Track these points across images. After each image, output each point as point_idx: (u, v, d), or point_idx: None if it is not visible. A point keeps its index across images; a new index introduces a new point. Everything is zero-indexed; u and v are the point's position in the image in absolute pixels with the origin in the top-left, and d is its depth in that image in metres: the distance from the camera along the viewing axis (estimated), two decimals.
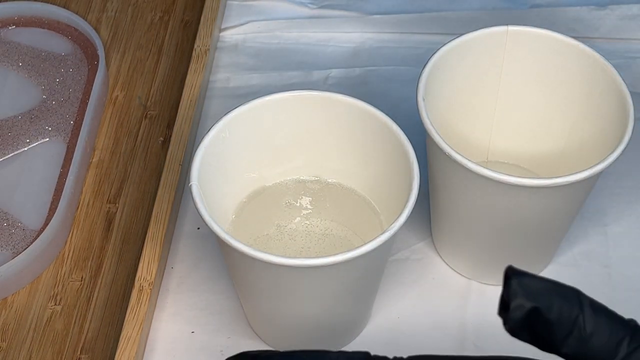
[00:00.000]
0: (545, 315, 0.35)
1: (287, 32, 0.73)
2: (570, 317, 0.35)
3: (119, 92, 0.70)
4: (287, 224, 0.56)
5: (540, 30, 0.56)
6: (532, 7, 0.74)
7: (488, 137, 0.61)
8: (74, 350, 0.57)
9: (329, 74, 0.71)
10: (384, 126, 0.52)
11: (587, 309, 0.36)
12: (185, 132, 0.64)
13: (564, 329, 0.35)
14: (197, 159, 0.51)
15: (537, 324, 0.36)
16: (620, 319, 0.37)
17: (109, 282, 0.60)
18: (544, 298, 0.35)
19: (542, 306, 0.35)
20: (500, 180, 0.49)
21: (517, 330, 0.36)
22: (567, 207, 0.53)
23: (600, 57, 0.55)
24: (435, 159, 0.53)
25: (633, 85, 0.67)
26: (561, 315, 0.35)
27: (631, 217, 0.62)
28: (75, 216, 0.63)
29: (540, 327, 0.36)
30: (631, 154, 0.58)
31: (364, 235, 0.55)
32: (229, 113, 0.53)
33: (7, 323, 0.58)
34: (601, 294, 0.58)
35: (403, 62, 0.71)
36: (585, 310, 0.36)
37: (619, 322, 0.36)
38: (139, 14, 0.76)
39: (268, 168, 0.56)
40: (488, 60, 0.57)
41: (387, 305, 0.57)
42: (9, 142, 0.65)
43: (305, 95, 0.54)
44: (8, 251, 0.60)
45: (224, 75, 0.71)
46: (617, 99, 0.53)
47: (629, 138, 0.51)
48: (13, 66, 0.70)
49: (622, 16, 0.73)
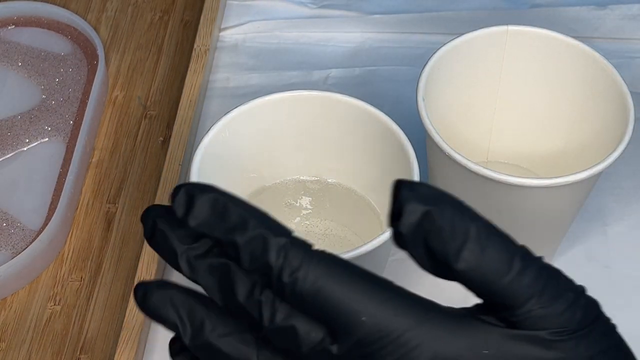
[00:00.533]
0: (438, 221, 0.32)
1: (287, 32, 0.73)
2: (462, 225, 0.33)
3: (118, 92, 0.70)
4: (287, 223, 0.56)
5: (540, 30, 0.56)
6: (532, 7, 0.74)
7: (488, 137, 0.61)
8: (74, 350, 0.57)
9: (329, 74, 0.71)
10: (384, 126, 0.52)
11: (479, 220, 0.33)
12: (185, 132, 0.64)
13: (458, 238, 0.33)
14: (197, 159, 0.51)
15: (430, 234, 0.33)
16: (511, 239, 0.34)
17: (109, 282, 0.60)
18: (436, 201, 0.33)
19: (435, 210, 0.32)
20: (500, 180, 0.49)
21: (411, 241, 0.33)
22: (567, 207, 0.53)
23: (600, 57, 0.55)
24: (435, 159, 0.53)
25: (633, 85, 0.67)
26: (454, 222, 0.33)
27: (631, 217, 0.62)
28: (75, 216, 0.63)
29: (433, 238, 0.33)
30: (631, 154, 0.58)
31: (364, 235, 0.55)
32: (229, 113, 0.53)
33: (7, 323, 0.58)
34: (601, 294, 0.59)
35: (403, 62, 0.71)
36: (477, 221, 0.33)
37: (510, 239, 0.34)
38: (139, 14, 0.76)
39: (268, 168, 0.56)
40: (488, 60, 0.57)
41: None
42: (8, 142, 0.65)
43: (305, 95, 0.54)
44: (8, 251, 0.60)
45: (223, 75, 0.71)
46: (617, 99, 0.53)
47: (629, 138, 0.51)
48: (13, 66, 0.70)
49: (622, 16, 0.73)
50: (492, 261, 0.33)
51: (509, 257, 0.33)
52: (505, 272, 0.33)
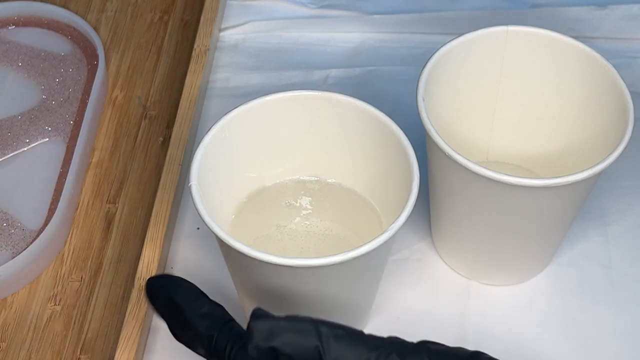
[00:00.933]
0: (284, 351, 0.40)
1: (287, 32, 0.73)
2: (310, 348, 0.40)
3: (118, 92, 0.70)
4: (287, 224, 0.56)
5: (540, 30, 0.56)
6: (532, 7, 0.74)
7: (488, 137, 0.61)
8: (74, 350, 0.57)
9: (329, 74, 0.71)
10: (384, 126, 0.52)
11: (325, 339, 0.41)
12: (185, 132, 0.64)
13: (307, 359, 0.41)
14: (197, 159, 0.51)
15: (280, 358, 0.41)
16: (373, 341, 0.41)
17: (109, 282, 0.60)
18: (280, 337, 0.41)
19: (278, 345, 0.40)
20: (500, 180, 0.49)
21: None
22: (567, 207, 0.53)
23: (600, 57, 0.55)
24: (435, 159, 0.53)
25: (633, 85, 0.67)
26: (301, 348, 0.40)
27: (631, 217, 0.62)
28: (75, 216, 0.63)
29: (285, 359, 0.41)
30: (631, 154, 0.58)
31: (364, 235, 0.55)
32: (229, 113, 0.53)
33: (7, 323, 0.58)
34: (601, 294, 0.59)
35: (403, 62, 0.71)
36: (323, 340, 0.41)
37: (365, 344, 0.41)
38: (139, 14, 0.76)
39: (268, 168, 0.56)
40: (488, 60, 0.57)
41: (387, 306, 0.57)
42: (8, 142, 0.65)
43: (305, 95, 0.54)
44: (7, 251, 0.60)
45: (223, 75, 0.71)
46: (617, 99, 0.53)
47: (629, 138, 0.51)
48: (12, 66, 0.70)
49: (622, 16, 0.73)
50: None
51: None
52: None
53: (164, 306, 0.45)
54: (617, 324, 0.57)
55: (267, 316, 0.41)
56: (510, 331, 0.56)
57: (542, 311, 0.57)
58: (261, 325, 0.41)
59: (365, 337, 0.42)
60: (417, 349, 0.42)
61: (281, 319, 0.41)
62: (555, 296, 0.58)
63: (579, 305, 0.57)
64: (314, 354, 0.41)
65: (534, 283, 0.58)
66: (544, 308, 0.57)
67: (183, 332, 0.44)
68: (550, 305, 0.57)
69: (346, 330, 0.42)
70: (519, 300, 0.58)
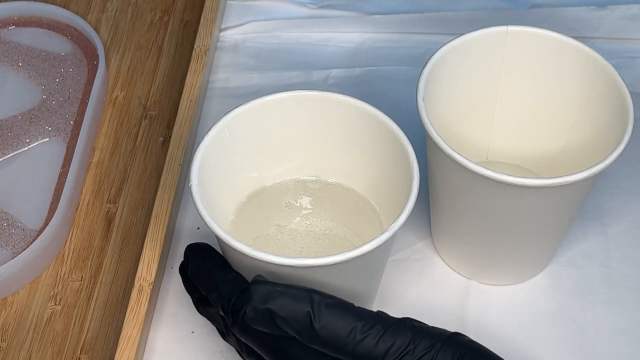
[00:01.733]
0: (279, 314, 0.44)
1: (287, 32, 0.73)
2: (302, 312, 0.44)
3: (118, 92, 0.70)
4: (287, 224, 0.56)
5: (540, 30, 0.56)
6: (532, 7, 0.74)
7: (488, 137, 0.61)
8: (74, 350, 0.57)
9: (329, 74, 0.71)
10: (384, 126, 0.52)
11: (317, 306, 0.44)
12: (185, 132, 0.64)
13: (299, 322, 0.44)
14: (197, 159, 0.51)
15: (276, 320, 0.44)
16: (361, 312, 0.45)
17: (109, 282, 0.60)
18: (275, 301, 0.44)
19: (274, 307, 0.44)
20: (500, 180, 0.49)
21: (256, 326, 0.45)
22: (567, 207, 0.53)
23: (600, 57, 0.55)
24: (435, 159, 0.53)
25: (633, 85, 0.67)
26: (294, 312, 0.44)
27: (631, 217, 0.62)
28: (75, 216, 0.63)
29: (279, 322, 0.44)
30: (631, 154, 0.58)
31: (364, 235, 0.55)
32: (229, 113, 0.53)
33: (7, 323, 0.58)
34: (601, 294, 0.59)
35: (403, 62, 0.71)
36: (315, 307, 0.44)
37: (353, 314, 0.45)
38: (139, 14, 0.76)
39: (268, 168, 0.56)
40: (488, 60, 0.57)
41: (387, 305, 0.57)
42: (8, 142, 0.65)
43: (305, 95, 0.54)
44: (8, 251, 0.60)
45: (223, 75, 0.71)
46: (617, 99, 0.53)
47: (629, 138, 0.51)
48: (13, 66, 0.70)
49: (622, 16, 0.73)
50: (329, 336, 0.44)
51: (347, 331, 0.44)
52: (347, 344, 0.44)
53: (197, 266, 0.49)
54: (617, 324, 0.57)
55: (266, 282, 0.45)
56: (510, 331, 0.56)
57: (542, 311, 0.57)
58: (260, 288, 0.45)
59: (354, 308, 0.45)
60: (402, 323, 0.45)
61: (278, 285, 0.45)
62: (555, 296, 0.58)
63: (578, 305, 0.57)
64: (306, 319, 0.44)
65: (534, 283, 0.59)
66: (544, 308, 0.57)
67: (208, 293, 0.48)
68: (550, 305, 0.57)
69: (337, 300, 0.45)
70: (519, 300, 0.58)
